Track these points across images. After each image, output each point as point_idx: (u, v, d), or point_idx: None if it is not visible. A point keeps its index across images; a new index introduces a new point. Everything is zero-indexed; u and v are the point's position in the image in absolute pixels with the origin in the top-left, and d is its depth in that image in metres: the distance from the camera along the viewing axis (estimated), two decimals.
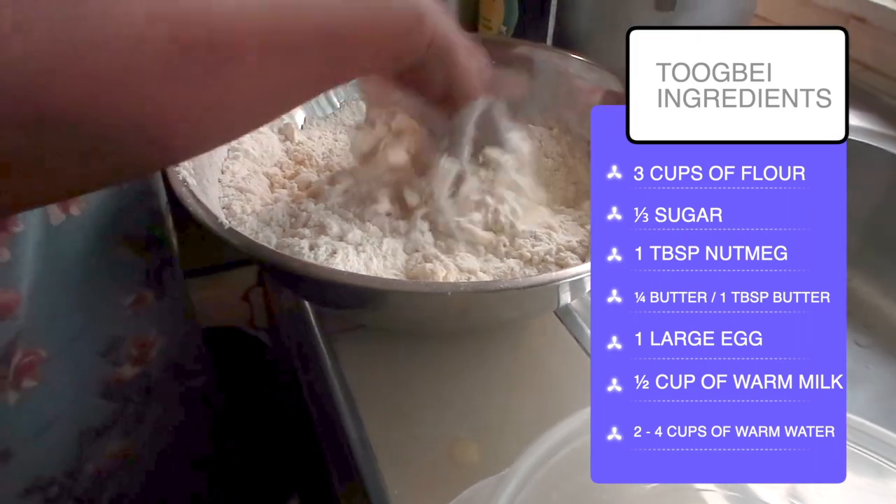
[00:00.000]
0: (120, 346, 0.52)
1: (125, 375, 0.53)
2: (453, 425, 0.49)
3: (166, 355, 0.57)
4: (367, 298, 0.47)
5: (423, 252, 0.50)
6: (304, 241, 0.49)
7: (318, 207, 0.53)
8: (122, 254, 0.50)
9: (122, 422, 0.54)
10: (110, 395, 0.53)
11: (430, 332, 0.56)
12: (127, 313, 0.52)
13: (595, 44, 0.88)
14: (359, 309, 0.52)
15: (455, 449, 0.47)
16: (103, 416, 0.53)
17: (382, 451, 0.46)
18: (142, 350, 0.54)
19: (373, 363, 0.53)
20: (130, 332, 0.53)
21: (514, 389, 0.52)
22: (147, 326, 0.54)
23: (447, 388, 0.52)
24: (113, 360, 0.52)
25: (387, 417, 0.49)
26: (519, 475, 0.30)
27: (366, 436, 0.47)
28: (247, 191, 0.55)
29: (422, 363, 0.53)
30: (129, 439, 0.56)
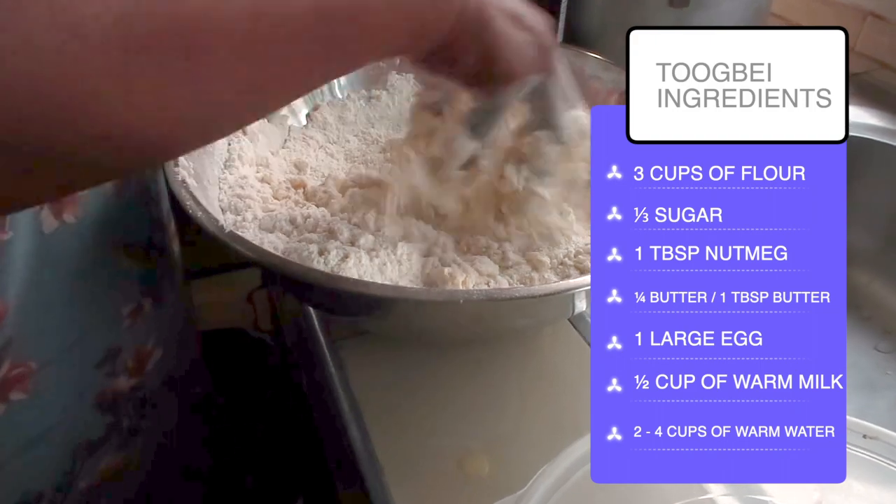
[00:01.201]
0: (116, 357, 0.50)
1: (121, 387, 0.51)
2: (464, 437, 0.47)
3: (163, 366, 0.55)
4: (376, 307, 0.45)
5: (440, 256, 0.49)
6: (314, 245, 0.46)
7: (323, 212, 0.52)
8: (120, 262, 0.48)
9: (117, 435, 0.53)
10: (105, 407, 0.51)
11: (441, 340, 0.55)
12: (124, 323, 0.50)
13: (607, 42, 0.86)
14: (367, 317, 0.50)
15: (465, 461, 0.45)
16: (97, 429, 0.51)
17: (389, 463, 0.45)
18: (139, 361, 0.52)
19: (379, 370, 0.52)
20: (127, 343, 0.51)
21: (528, 399, 0.50)
22: (144, 337, 0.52)
23: (457, 398, 0.50)
24: (108, 371, 0.50)
25: (394, 427, 0.47)
26: (537, 496, 0.30)
27: (371, 447, 0.46)
28: (246, 197, 0.54)
29: (431, 371, 0.52)
30: (123, 453, 0.54)
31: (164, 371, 0.56)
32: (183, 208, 0.44)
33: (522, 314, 0.47)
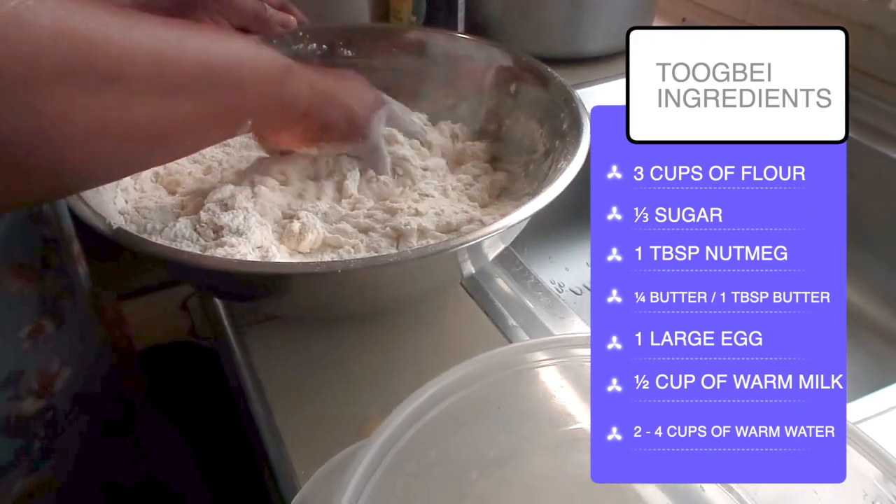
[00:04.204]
0: (19, 380, 0.49)
1: (26, 410, 0.50)
2: (364, 405, 0.49)
3: (73, 386, 0.54)
4: (261, 285, 0.48)
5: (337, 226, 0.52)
6: (184, 221, 0.50)
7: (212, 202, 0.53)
8: (11, 283, 0.47)
9: (27, 459, 0.51)
10: (12, 431, 0.49)
11: (333, 314, 0.57)
12: (24, 345, 0.49)
13: (507, 30, 0.90)
14: (258, 298, 0.53)
15: (365, 427, 0.47)
16: (5, 453, 0.50)
17: (291, 436, 0.47)
18: (44, 382, 0.51)
19: (283, 351, 0.54)
20: (30, 365, 0.49)
21: (426, 365, 0.53)
22: (49, 357, 0.51)
23: (357, 369, 0.52)
24: (12, 394, 0.49)
25: (297, 402, 0.50)
26: (386, 433, 0.31)
27: (274, 422, 0.48)
28: (142, 207, 0.54)
29: (332, 347, 0.54)
30: (36, 475, 0.52)
31: (75, 391, 0.54)
32: (73, 210, 0.45)
33: (407, 279, 0.49)
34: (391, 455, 0.31)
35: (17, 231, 0.48)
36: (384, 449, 0.31)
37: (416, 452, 0.31)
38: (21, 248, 0.48)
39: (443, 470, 0.34)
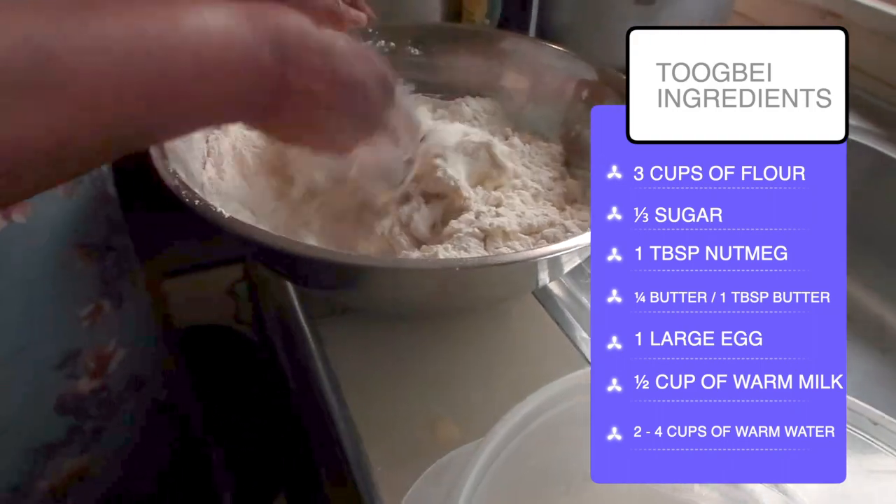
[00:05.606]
0: (76, 359, 0.50)
1: (82, 389, 0.51)
2: (435, 403, 0.49)
3: (127, 367, 0.55)
4: (353, 276, 0.47)
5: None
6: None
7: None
8: (75, 263, 0.48)
9: (79, 438, 0.52)
10: (66, 409, 0.50)
11: (415, 311, 0.57)
12: (83, 325, 0.50)
13: (577, 36, 0.89)
14: (347, 290, 0.52)
15: (436, 426, 0.47)
16: (57, 431, 0.51)
17: (364, 428, 0.47)
18: (100, 362, 0.52)
19: (356, 345, 0.54)
20: (87, 344, 0.50)
21: (495, 368, 0.53)
22: (105, 338, 0.52)
23: (427, 368, 0.52)
24: (69, 373, 0.49)
25: (369, 396, 0.50)
26: (495, 441, 0.31)
27: (349, 413, 0.48)
28: (226, 193, 0.53)
29: (403, 344, 0.54)
30: (86, 456, 0.53)
31: (129, 372, 0.55)
32: (179, 199, 0.43)
33: (487, 283, 0.49)
34: (498, 462, 0.31)
35: (86, 211, 0.48)
36: (491, 457, 0.31)
37: (518, 462, 0.31)
38: (89, 229, 0.49)
39: (535, 481, 0.34)
